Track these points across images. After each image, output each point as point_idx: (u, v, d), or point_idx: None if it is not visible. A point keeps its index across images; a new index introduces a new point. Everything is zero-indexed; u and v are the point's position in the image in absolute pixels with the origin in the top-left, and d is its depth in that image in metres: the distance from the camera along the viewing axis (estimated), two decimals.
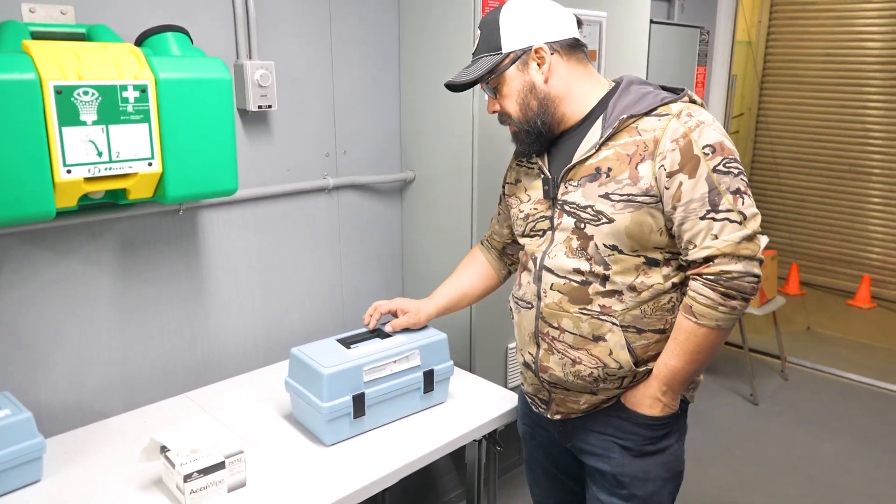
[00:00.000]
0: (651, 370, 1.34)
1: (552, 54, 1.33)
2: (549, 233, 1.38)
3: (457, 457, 2.35)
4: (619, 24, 2.36)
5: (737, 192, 1.22)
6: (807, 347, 4.00)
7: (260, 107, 1.82)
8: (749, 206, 1.23)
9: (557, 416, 1.46)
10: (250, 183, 1.90)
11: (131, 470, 1.44)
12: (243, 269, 1.95)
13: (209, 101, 1.51)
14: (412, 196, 2.27)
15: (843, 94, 5.06)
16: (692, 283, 1.25)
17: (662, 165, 1.24)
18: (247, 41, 1.81)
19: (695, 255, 1.24)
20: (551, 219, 1.37)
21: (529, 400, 1.53)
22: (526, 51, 1.33)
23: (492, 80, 1.36)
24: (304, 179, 2.02)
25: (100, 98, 1.36)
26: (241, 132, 1.86)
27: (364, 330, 1.69)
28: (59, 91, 1.30)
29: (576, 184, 1.32)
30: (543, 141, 1.38)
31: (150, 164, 1.46)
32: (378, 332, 1.68)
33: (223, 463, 1.34)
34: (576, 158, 1.32)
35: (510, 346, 2.27)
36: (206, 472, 1.32)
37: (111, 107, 1.38)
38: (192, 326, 1.86)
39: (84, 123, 1.35)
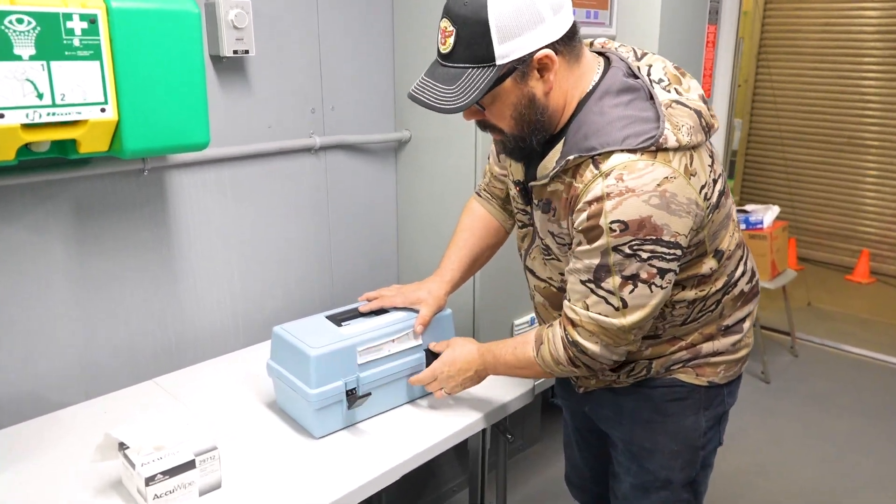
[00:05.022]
0: (653, 361, 1.25)
1: (557, 58, 1.06)
2: (530, 228, 1.30)
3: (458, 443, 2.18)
4: None
5: (631, 278, 1.06)
6: (810, 323, 3.93)
7: (235, 52, 1.59)
8: (638, 297, 1.07)
9: (581, 390, 1.38)
10: (226, 141, 1.68)
11: (87, 469, 1.23)
12: (219, 239, 1.73)
13: (173, 36, 1.29)
14: (407, 158, 2.06)
15: (841, 65, 4.98)
16: (555, 325, 1.19)
17: (573, 220, 1.09)
18: None
19: (566, 308, 1.16)
20: (530, 216, 1.27)
21: None
22: (526, 59, 1.04)
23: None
24: (287, 138, 1.81)
25: (38, 28, 1.13)
26: (213, 82, 1.63)
27: (357, 305, 1.49)
28: None
29: (537, 203, 1.20)
30: (533, 152, 1.17)
31: (102, 110, 1.23)
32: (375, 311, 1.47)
33: (193, 462, 1.14)
34: (537, 179, 1.16)
35: (516, 321, 2.08)
36: (172, 472, 1.11)
37: (53, 39, 1.15)
38: (160, 304, 1.64)
39: (19, 58, 1.13)
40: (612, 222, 1.02)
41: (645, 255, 1.04)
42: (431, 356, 1.41)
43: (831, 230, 5.18)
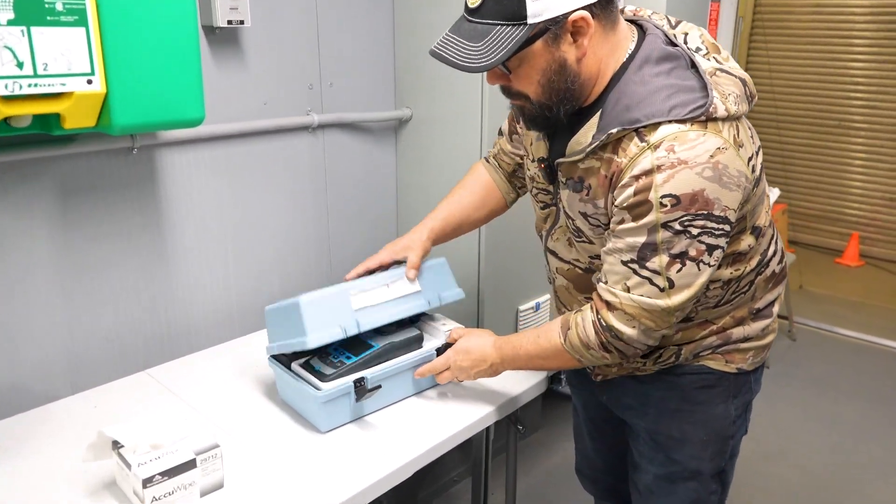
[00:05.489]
0: (681, 349, 1.19)
1: (594, 22, 0.98)
2: (553, 209, 1.23)
3: None
4: None
5: (679, 256, 1.00)
6: (803, 306, 3.93)
7: (230, 22, 1.49)
8: (686, 276, 1.01)
9: (599, 378, 1.32)
10: (220, 118, 1.58)
11: (78, 469, 1.15)
12: (212, 221, 1.64)
13: (165, 1, 1.18)
14: (408, 138, 1.97)
15: (831, 47, 4.94)
16: (585, 310, 1.12)
17: (615, 197, 1.02)
18: None
19: (601, 290, 1.09)
20: (554, 195, 1.20)
21: None
22: (560, 21, 0.96)
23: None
24: (283, 115, 1.71)
25: None
26: (206, 55, 1.53)
27: None
28: None
29: (565, 182, 1.13)
30: (557, 124, 1.10)
31: (89, 82, 1.13)
32: None
33: (194, 461, 1.06)
34: (567, 155, 1.09)
35: (521, 307, 2.02)
36: (171, 473, 1.03)
37: (33, 2, 1.05)
38: (151, 291, 1.55)
39: None
40: (662, 196, 0.96)
41: (695, 232, 0.98)
42: (446, 348, 1.34)
43: (821, 213, 5.17)
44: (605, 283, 1.07)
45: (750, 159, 1.02)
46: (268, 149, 1.70)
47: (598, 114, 1.03)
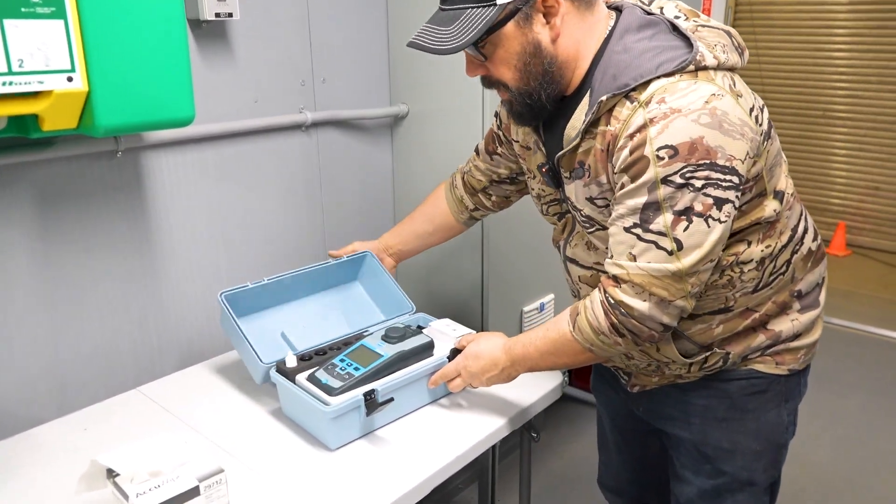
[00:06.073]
0: (728, 352, 1.11)
1: (564, 1, 0.99)
2: (568, 216, 1.20)
3: None
4: None
5: (684, 212, 0.93)
6: None
7: (218, 15, 1.40)
8: (694, 234, 0.94)
9: (636, 389, 1.24)
10: (208, 117, 1.49)
11: (69, 500, 1.05)
12: (203, 226, 1.55)
13: None
14: (405, 135, 1.90)
15: (814, 37, 4.96)
16: (594, 293, 1.05)
17: (613, 165, 0.99)
18: None
19: (608, 266, 1.02)
20: (563, 200, 1.16)
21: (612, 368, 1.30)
22: (530, 1, 0.97)
23: (481, 42, 1.02)
24: (275, 113, 1.62)
25: None
26: (193, 50, 1.44)
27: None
28: None
29: (568, 176, 1.09)
30: (545, 113, 1.08)
31: (69, 79, 1.04)
32: None
33: (197, 489, 0.98)
34: (564, 146, 1.06)
35: (525, 308, 1.95)
36: (173, 502, 0.95)
37: None
38: (140, 302, 1.46)
39: None
40: (658, 149, 0.91)
41: (699, 184, 0.91)
42: (455, 354, 1.27)
43: (807, 203, 5.09)
44: (612, 257, 1.01)
45: (752, 110, 0.97)
46: (259, 149, 1.62)
47: (588, 94, 1.01)
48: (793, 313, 1.13)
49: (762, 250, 1.05)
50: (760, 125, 0.98)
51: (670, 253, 0.94)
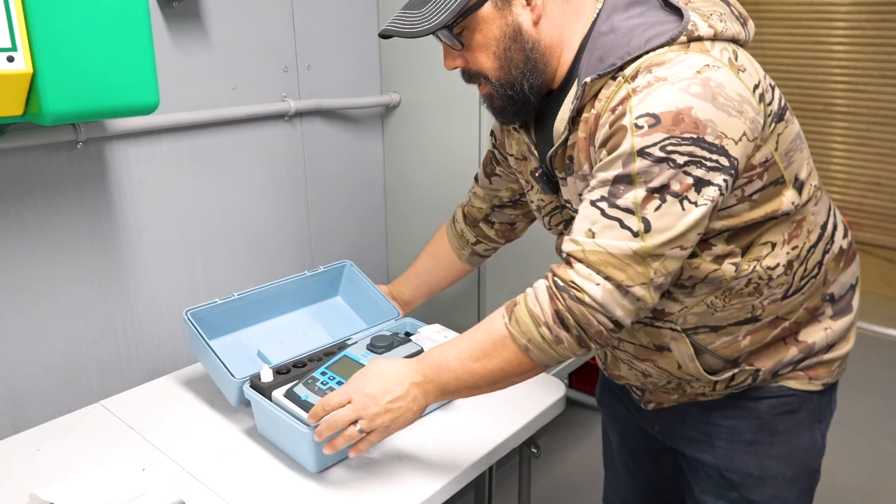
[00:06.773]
0: (758, 369, 0.99)
1: None
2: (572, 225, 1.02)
3: None
4: None
5: (658, 190, 0.81)
6: None
7: None
8: (665, 215, 0.82)
9: (651, 406, 1.13)
10: (181, 105, 1.37)
11: None
12: (175, 225, 1.42)
13: None
14: (396, 125, 1.78)
15: (815, 30, 4.88)
16: (539, 281, 0.92)
17: (595, 143, 0.89)
18: None
19: (564, 244, 0.90)
20: (562, 206, 1.07)
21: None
22: None
23: (457, 26, 0.93)
24: (255, 102, 1.50)
25: None
26: (162, 32, 1.31)
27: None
28: None
29: (563, 176, 1.01)
30: (530, 109, 0.99)
31: (10, 59, 0.92)
32: None
33: None
34: (555, 143, 0.98)
35: None
36: None
37: None
38: (104, 309, 1.34)
39: None
40: (638, 117, 0.81)
41: (680, 160, 0.80)
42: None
43: None
44: (569, 234, 0.89)
45: (757, 87, 0.85)
46: (238, 140, 1.49)
47: (575, 83, 0.92)
48: (825, 320, 1.02)
49: (788, 252, 0.94)
50: (769, 105, 0.87)
51: (635, 234, 0.83)
